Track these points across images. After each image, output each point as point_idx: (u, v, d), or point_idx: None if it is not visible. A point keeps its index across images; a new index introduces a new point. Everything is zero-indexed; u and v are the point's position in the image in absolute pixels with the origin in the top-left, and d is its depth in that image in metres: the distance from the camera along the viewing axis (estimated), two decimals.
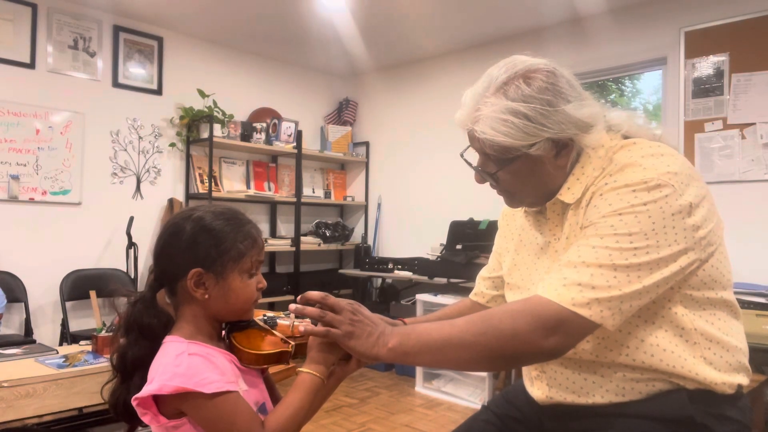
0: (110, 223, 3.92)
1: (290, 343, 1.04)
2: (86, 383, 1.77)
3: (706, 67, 3.36)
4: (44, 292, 3.66)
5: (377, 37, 4.34)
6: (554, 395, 1.15)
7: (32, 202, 3.61)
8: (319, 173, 5.25)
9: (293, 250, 4.62)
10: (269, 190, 4.72)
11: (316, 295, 1.03)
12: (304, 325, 1.00)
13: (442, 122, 4.51)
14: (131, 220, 3.81)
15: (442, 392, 3.73)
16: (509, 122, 1.05)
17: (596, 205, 1.04)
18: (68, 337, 3.52)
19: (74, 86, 3.80)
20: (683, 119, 3.42)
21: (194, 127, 4.28)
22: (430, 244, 4.39)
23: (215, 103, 4.31)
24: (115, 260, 3.90)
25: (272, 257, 4.81)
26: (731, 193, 3.21)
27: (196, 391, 0.89)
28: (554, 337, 0.96)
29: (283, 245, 4.59)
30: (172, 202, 4.21)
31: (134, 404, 0.93)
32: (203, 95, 4.24)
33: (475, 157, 1.18)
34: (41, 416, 1.52)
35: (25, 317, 3.52)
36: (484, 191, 1.35)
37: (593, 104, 1.10)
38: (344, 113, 5.33)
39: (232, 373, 0.97)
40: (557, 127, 1.05)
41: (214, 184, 4.28)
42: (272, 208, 4.86)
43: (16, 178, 3.53)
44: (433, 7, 3.75)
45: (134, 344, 1.00)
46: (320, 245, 4.82)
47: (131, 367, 0.99)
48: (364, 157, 5.25)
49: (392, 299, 4.55)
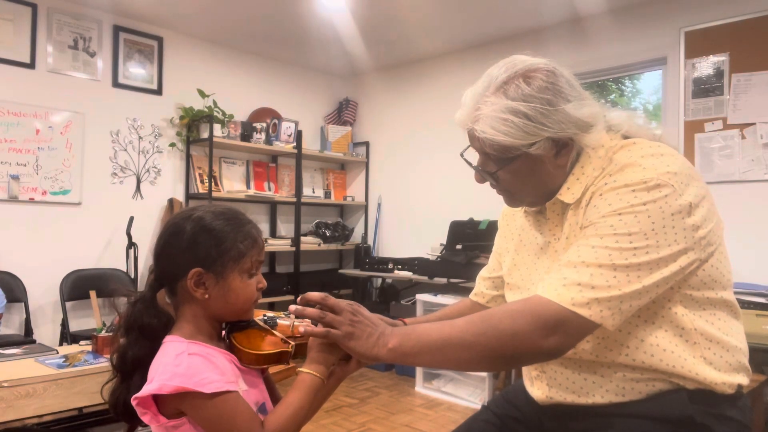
0: (110, 223, 3.92)
1: (290, 343, 1.04)
2: (86, 383, 1.77)
3: (706, 67, 3.36)
4: (44, 292, 3.66)
5: (377, 37, 4.34)
6: (554, 395, 1.15)
7: (32, 202, 3.61)
8: (319, 173, 5.25)
9: (293, 250, 4.62)
10: (269, 190, 4.72)
11: (315, 295, 1.03)
12: (304, 325, 1.00)
13: (442, 122, 4.51)
14: (131, 220, 3.81)
15: (442, 392, 3.73)
16: (509, 121, 1.05)
17: (596, 205, 1.04)
18: (68, 337, 3.52)
19: (74, 86, 3.80)
20: (683, 119, 3.42)
21: (194, 127, 4.28)
22: (430, 244, 4.39)
23: (215, 103, 4.31)
24: (115, 260, 3.90)
25: (272, 257, 4.81)
26: (731, 193, 3.21)
27: (195, 390, 0.89)
28: (554, 337, 0.96)
29: (283, 245, 4.59)
30: (172, 202, 4.21)
31: (134, 404, 0.93)
32: (203, 95, 4.24)
33: (475, 156, 1.18)
34: (41, 416, 1.52)
35: (25, 317, 3.52)
36: (484, 191, 1.35)
37: (593, 104, 1.10)
38: (344, 113, 5.33)
39: (232, 373, 0.97)
40: (557, 126, 1.05)
41: (214, 184, 4.28)
42: (272, 208, 4.86)
43: (16, 178, 3.53)
44: (433, 7, 3.75)
45: (134, 344, 1.00)
46: (320, 245, 4.82)
47: (131, 366, 0.99)
48: (364, 157, 5.25)
49: (392, 299, 4.55)
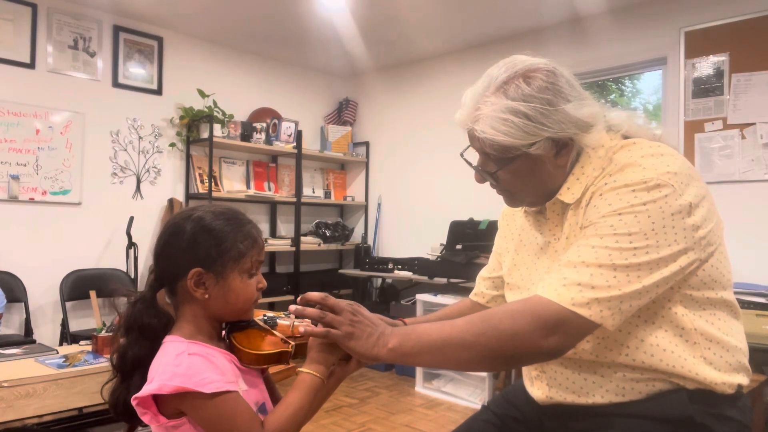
0: (110, 223, 3.92)
1: (290, 343, 1.04)
2: (86, 383, 1.77)
3: (706, 67, 3.36)
4: (44, 292, 3.66)
5: (377, 37, 4.34)
6: (554, 395, 1.15)
7: (32, 202, 3.61)
8: (319, 173, 5.25)
9: (293, 250, 4.62)
10: (269, 190, 4.72)
11: (315, 296, 1.03)
12: (304, 325, 1.00)
13: (442, 122, 4.51)
14: (131, 220, 3.81)
15: (442, 392, 3.73)
16: (509, 121, 1.05)
17: (596, 205, 1.04)
18: (68, 337, 3.52)
19: (74, 86, 3.80)
20: (683, 119, 3.42)
21: (194, 127, 4.28)
22: (430, 244, 4.39)
23: (215, 103, 4.31)
24: (115, 260, 3.90)
25: (272, 257, 4.81)
26: (731, 193, 3.21)
27: (195, 390, 0.89)
28: (554, 336, 0.96)
29: (283, 245, 4.59)
30: (172, 202, 4.21)
31: (134, 404, 0.93)
32: (203, 95, 4.24)
33: (475, 156, 1.18)
34: (41, 416, 1.52)
35: (25, 317, 3.52)
36: (484, 191, 1.35)
37: (593, 104, 1.10)
38: (344, 113, 5.32)
39: (232, 373, 0.97)
40: (557, 126, 1.05)
41: (214, 184, 4.28)
42: (272, 208, 4.86)
43: (16, 178, 3.53)
44: (433, 7, 3.75)
45: (134, 344, 1.00)
46: (320, 245, 4.82)
47: (131, 366, 0.99)
48: (364, 157, 5.25)
49: (392, 299, 4.55)
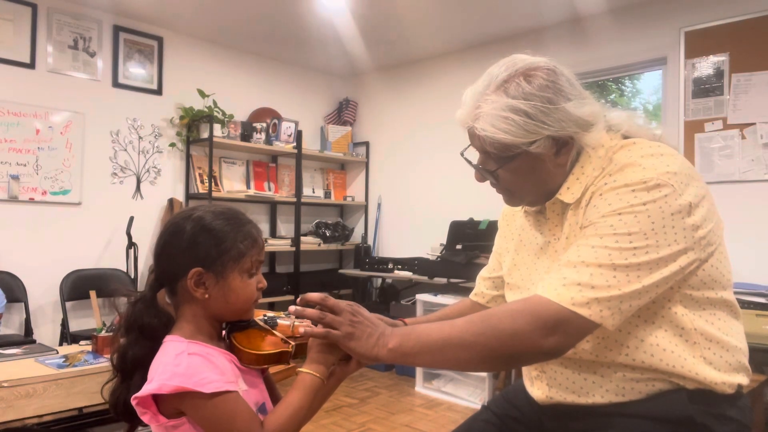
0: (110, 223, 3.92)
1: (290, 343, 1.04)
2: (86, 383, 1.77)
3: (706, 67, 3.36)
4: (44, 292, 3.66)
5: (377, 37, 4.34)
6: (554, 395, 1.15)
7: (32, 202, 3.61)
8: (319, 173, 5.25)
9: (293, 250, 4.62)
10: (269, 190, 4.72)
11: (315, 296, 1.03)
12: (304, 326, 1.00)
13: (442, 122, 4.51)
14: (131, 220, 3.81)
15: (442, 392, 3.73)
16: (510, 119, 1.05)
17: (596, 204, 1.04)
18: (68, 337, 3.52)
19: (74, 86, 3.80)
20: (683, 119, 3.42)
21: (194, 127, 4.28)
22: (430, 244, 4.39)
23: (215, 103, 4.31)
24: (115, 260, 3.90)
25: (272, 257, 4.81)
26: (731, 193, 3.21)
27: (195, 390, 0.89)
28: (554, 336, 0.96)
29: (283, 245, 4.59)
30: (172, 202, 4.21)
31: (134, 403, 0.94)
32: (203, 95, 4.24)
33: (475, 155, 1.18)
34: (41, 416, 1.52)
35: (25, 317, 3.52)
36: (484, 191, 1.36)
37: (594, 103, 1.10)
38: (344, 113, 5.32)
39: (231, 373, 0.97)
40: (558, 124, 1.05)
41: (214, 184, 4.28)
42: (272, 208, 4.86)
43: (16, 178, 3.53)
44: (433, 7, 3.75)
45: (134, 344, 1.00)
46: (320, 245, 4.82)
47: (131, 366, 0.99)
48: (364, 157, 5.25)
49: (392, 299, 4.55)
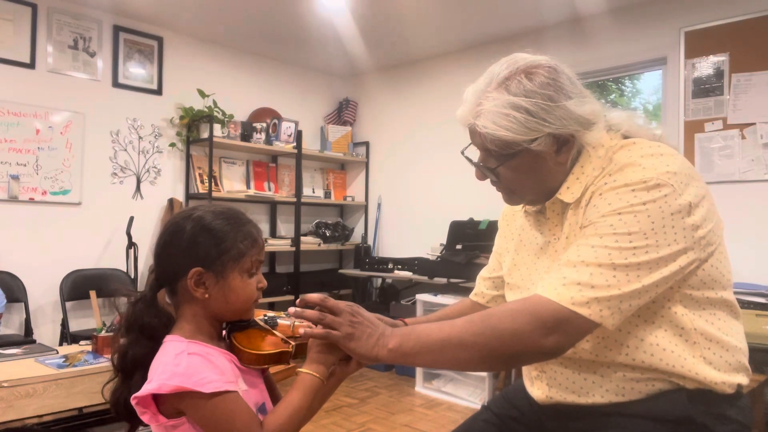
0: (110, 223, 3.92)
1: (291, 343, 1.04)
2: (86, 383, 1.77)
3: (706, 67, 3.36)
4: (44, 292, 3.66)
5: (377, 37, 4.34)
6: (554, 395, 1.15)
7: (32, 202, 3.61)
8: (319, 173, 5.25)
9: (293, 250, 4.62)
10: (269, 190, 4.72)
11: (314, 297, 1.03)
12: (304, 326, 1.00)
13: (442, 122, 4.51)
14: (131, 220, 3.81)
15: (442, 392, 3.73)
16: (511, 116, 1.05)
17: (596, 204, 1.04)
18: (68, 337, 3.52)
19: (74, 86, 3.80)
20: (683, 119, 3.42)
21: (194, 127, 4.28)
22: (430, 244, 4.39)
23: (215, 103, 4.31)
24: (115, 260, 3.90)
25: (272, 257, 4.81)
26: (731, 193, 3.21)
27: (194, 390, 0.89)
28: (554, 336, 0.96)
29: (283, 245, 4.59)
30: (172, 202, 4.21)
31: (133, 403, 0.94)
32: (203, 95, 4.24)
33: (476, 154, 1.18)
34: (41, 416, 1.52)
35: (25, 317, 3.52)
36: (484, 191, 1.36)
37: (594, 102, 1.10)
38: (344, 113, 5.33)
39: (231, 373, 0.97)
40: (559, 122, 1.05)
41: (214, 184, 4.28)
42: (272, 208, 4.86)
43: (16, 178, 3.53)
44: (433, 7, 3.75)
45: (135, 344, 1.00)
46: (320, 245, 4.82)
47: (132, 366, 0.99)
48: (364, 157, 5.25)
49: (392, 299, 4.54)
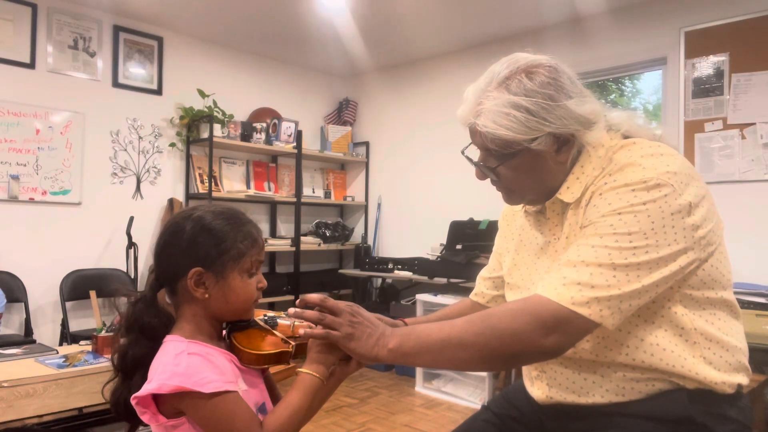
0: (110, 223, 3.92)
1: (291, 343, 1.04)
2: (86, 383, 1.77)
3: (706, 67, 3.36)
4: (44, 292, 3.66)
5: (377, 37, 4.34)
6: (554, 395, 1.15)
7: (32, 202, 3.61)
8: (319, 173, 5.25)
9: (293, 250, 4.62)
10: (269, 190, 4.72)
11: (314, 297, 1.03)
12: (304, 327, 1.00)
13: (442, 122, 4.51)
14: (131, 220, 3.81)
15: (442, 392, 3.73)
16: (511, 116, 1.05)
17: (596, 204, 1.04)
18: (68, 337, 3.52)
19: (74, 86, 3.80)
20: (683, 119, 3.42)
21: (194, 127, 4.28)
22: (430, 244, 4.39)
23: (215, 103, 4.31)
24: (115, 260, 3.90)
25: (272, 257, 4.81)
26: (731, 193, 3.21)
27: (194, 390, 0.90)
28: (554, 336, 0.96)
29: (283, 245, 4.59)
30: (172, 202, 4.21)
31: (133, 403, 0.94)
32: (203, 95, 4.24)
33: (476, 154, 1.18)
34: (41, 416, 1.52)
35: (25, 317, 3.52)
36: (484, 191, 1.36)
37: (594, 102, 1.10)
38: (344, 113, 5.33)
39: (231, 373, 0.97)
40: (559, 122, 1.05)
41: (214, 184, 4.28)
42: (272, 208, 4.86)
43: (16, 178, 3.53)
44: (433, 7, 3.75)
45: (135, 344, 1.00)
46: (320, 245, 4.82)
47: (132, 366, 1.00)
48: (364, 157, 5.25)
49: (392, 299, 4.54)
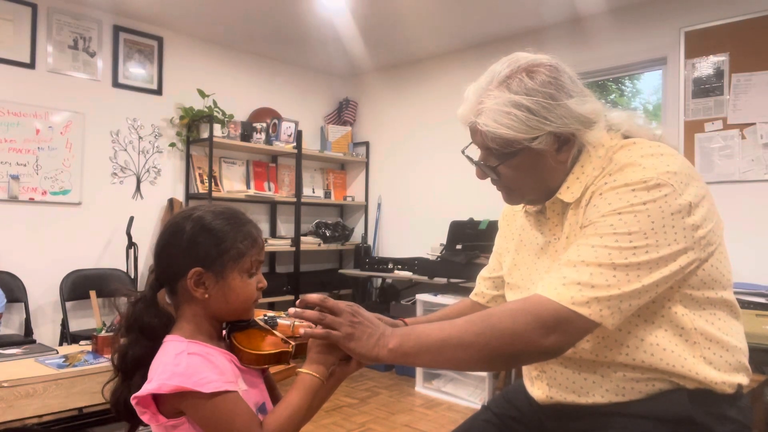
0: (110, 223, 3.92)
1: (291, 343, 1.04)
2: (86, 383, 1.77)
3: (706, 67, 3.36)
4: (44, 292, 3.66)
5: (377, 37, 4.34)
6: (554, 395, 1.15)
7: (32, 202, 3.61)
8: (319, 173, 5.25)
9: (293, 250, 4.61)
10: (269, 190, 4.72)
11: (314, 297, 1.03)
12: (304, 327, 1.00)
13: (442, 122, 4.51)
14: (131, 220, 3.81)
15: (442, 392, 3.73)
16: (512, 115, 1.05)
17: (596, 204, 1.04)
18: (68, 337, 3.52)
19: (74, 86, 3.80)
20: (683, 119, 3.42)
21: (194, 127, 4.28)
22: (430, 244, 4.39)
23: (215, 103, 4.31)
24: (115, 260, 3.90)
25: (272, 257, 4.81)
26: (731, 193, 3.21)
27: (194, 390, 0.90)
28: (554, 335, 0.96)
29: (283, 245, 4.59)
30: (172, 202, 4.21)
31: (133, 403, 0.94)
32: (203, 95, 4.24)
33: (477, 153, 1.18)
34: (41, 416, 1.52)
35: (25, 317, 3.52)
36: (484, 191, 1.36)
37: (595, 101, 1.10)
38: (344, 113, 5.32)
39: (231, 373, 0.97)
40: (560, 121, 1.05)
41: (214, 184, 4.28)
42: (272, 208, 4.86)
43: (16, 178, 3.53)
44: (433, 7, 3.75)
45: (135, 344, 1.00)
46: (320, 245, 4.82)
47: (132, 366, 1.00)
48: (364, 157, 5.25)
49: (392, 299, 4.54)
